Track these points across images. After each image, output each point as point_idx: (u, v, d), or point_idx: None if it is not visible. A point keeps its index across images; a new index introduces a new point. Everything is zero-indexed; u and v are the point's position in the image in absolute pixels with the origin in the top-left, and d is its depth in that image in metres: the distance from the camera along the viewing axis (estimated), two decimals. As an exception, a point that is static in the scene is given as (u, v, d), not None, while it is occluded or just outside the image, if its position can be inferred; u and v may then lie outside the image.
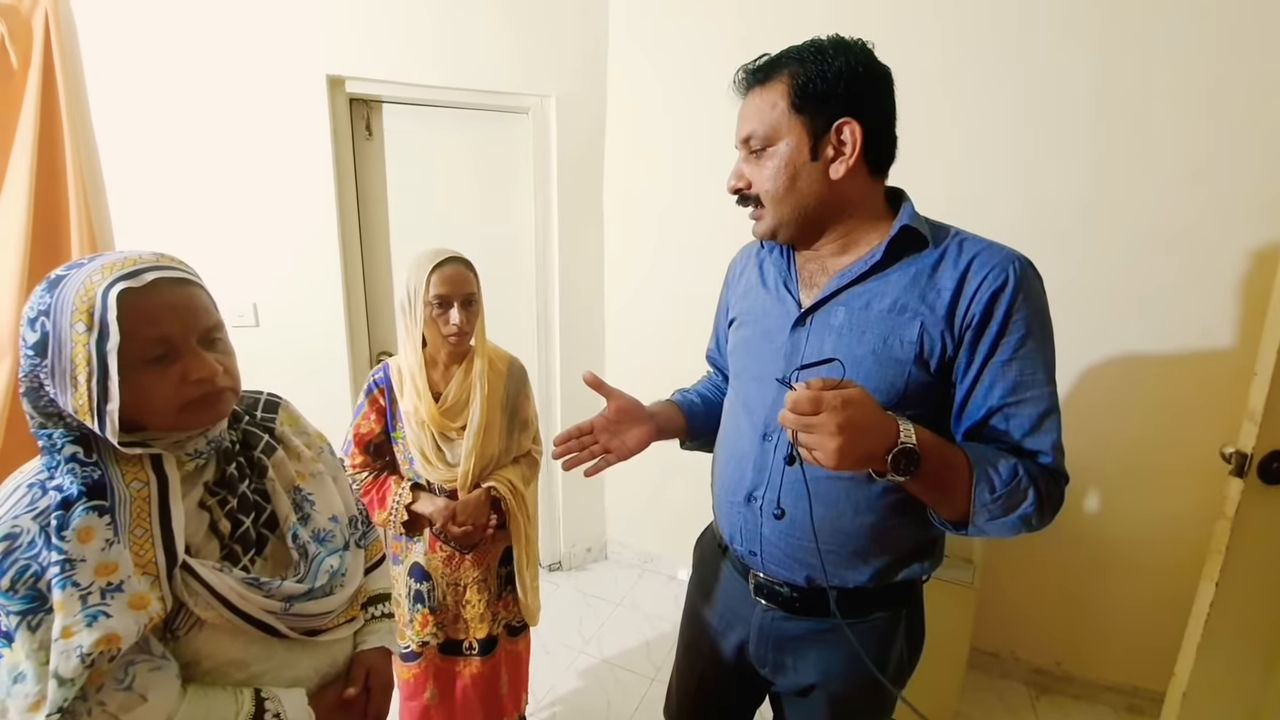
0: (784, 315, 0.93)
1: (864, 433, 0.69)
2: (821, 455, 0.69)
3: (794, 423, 0.69)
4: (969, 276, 0.81)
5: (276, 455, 0.83)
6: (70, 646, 0.57)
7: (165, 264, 0.69)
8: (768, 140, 0.85)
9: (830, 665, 0.95)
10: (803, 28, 0.90)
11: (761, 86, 0.86)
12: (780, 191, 0.86)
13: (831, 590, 0.87)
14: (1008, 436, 0.81)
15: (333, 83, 2.04)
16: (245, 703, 0.70)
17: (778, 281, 0.97)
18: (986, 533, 0.81)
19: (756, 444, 0.94)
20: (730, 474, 0.99)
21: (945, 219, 0.94)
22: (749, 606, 1.00)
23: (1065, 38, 1.70)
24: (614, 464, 1.01)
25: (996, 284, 0.79)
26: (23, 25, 1.67)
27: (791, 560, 0.92)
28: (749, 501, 0.95)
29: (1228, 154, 1.60)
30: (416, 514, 1.36)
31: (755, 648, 1.01)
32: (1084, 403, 1.84)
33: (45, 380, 0.65)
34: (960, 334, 0.81)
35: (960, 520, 0.80)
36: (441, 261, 1.30)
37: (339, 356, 2.20)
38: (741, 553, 0.98)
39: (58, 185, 1.76)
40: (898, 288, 0.84)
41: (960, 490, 0.77)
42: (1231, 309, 1.64)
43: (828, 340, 0.87)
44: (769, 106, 0.84)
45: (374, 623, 0.94)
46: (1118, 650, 1.93)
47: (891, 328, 0.83)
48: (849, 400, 0.68)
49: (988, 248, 0.84)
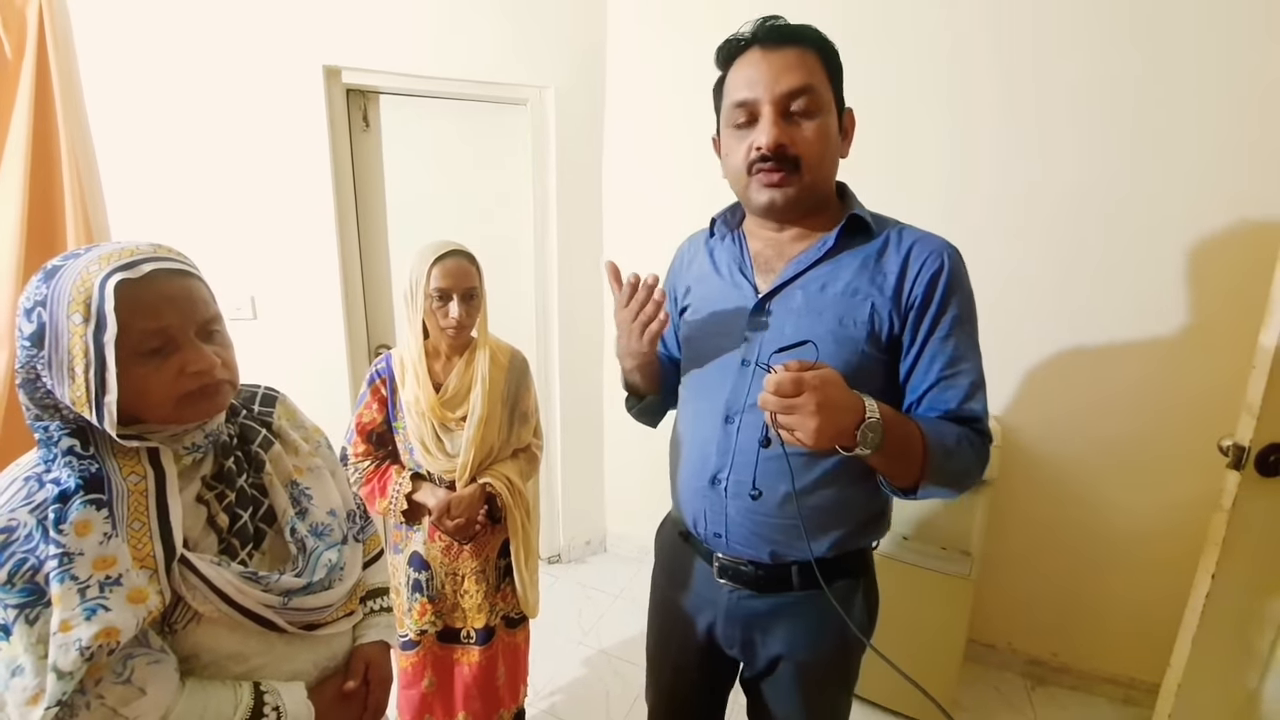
0: (741, 300, 0.95)
1: (839, 410, 0.73)
2: (803, 434, 0.72)
3: (776, 405, 0.72)
4: (910, 261, 0.87)
5: (274, 449, 0.83)
6: (69, 640, 0.57)
7: (163, 255, 0.68)
8: (815, 102, 0.84)
9: (795, 637, 0.98)
10: (804, 19, 0.89)
11: (798, 48, 0.84)
12: (821, 157, 0.87)
13: (800, 564, 0.89)
14: (946, 404, 0.87)
15: (329, 73, 2.03)
16: (244, 696, 0.70)
17: (732, 268, 0.99)
18: (931, 495, 0.87)
19: (719, 428, 0.95)
20: (693, 459, 1.00)
21: (942, 211, 0.94)
22: (714, 589, 1.02)
23: (1068, 31, 1.70)
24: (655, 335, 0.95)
25: (934, 268, 0.86)
26: (16, 15, 1.65)
27: (757, 538, 0.94)
28: (714, 484, 0.95)
29: (1229, 147, 1.59)
30: (416, 503, 1.37)
31: (723, 629, 1.03)
32: (1081, 394, 1.85)
33: (42, 371, 0.64)
34: (905, 313, 0.87)
35: (911, 486, 0.85)
36: (444, 254, 1.30)
37: (337, 349, 2.20)
38: (705, 536, 1.00)
39: (53, 176, 1.75)
40: (850, 271, 0.89)
41: (915, 458, 0.82)
42: (1229, 301, 1.64)
43: (788, 322, 0.90)
44: (812, 71, 0.84)
45: (372, 616, 0.94)
46: (1114, 642, 1.94)
47: (846, 308, 0.88)
48: (826, 380, 0.72)
49: (923, 236, 0.90)
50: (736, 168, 0.91)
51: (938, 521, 1.84)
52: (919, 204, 1.89)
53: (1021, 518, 1.97)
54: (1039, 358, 1.89)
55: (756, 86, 0.85)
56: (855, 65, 0.94)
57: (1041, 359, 1.89)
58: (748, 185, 0.91)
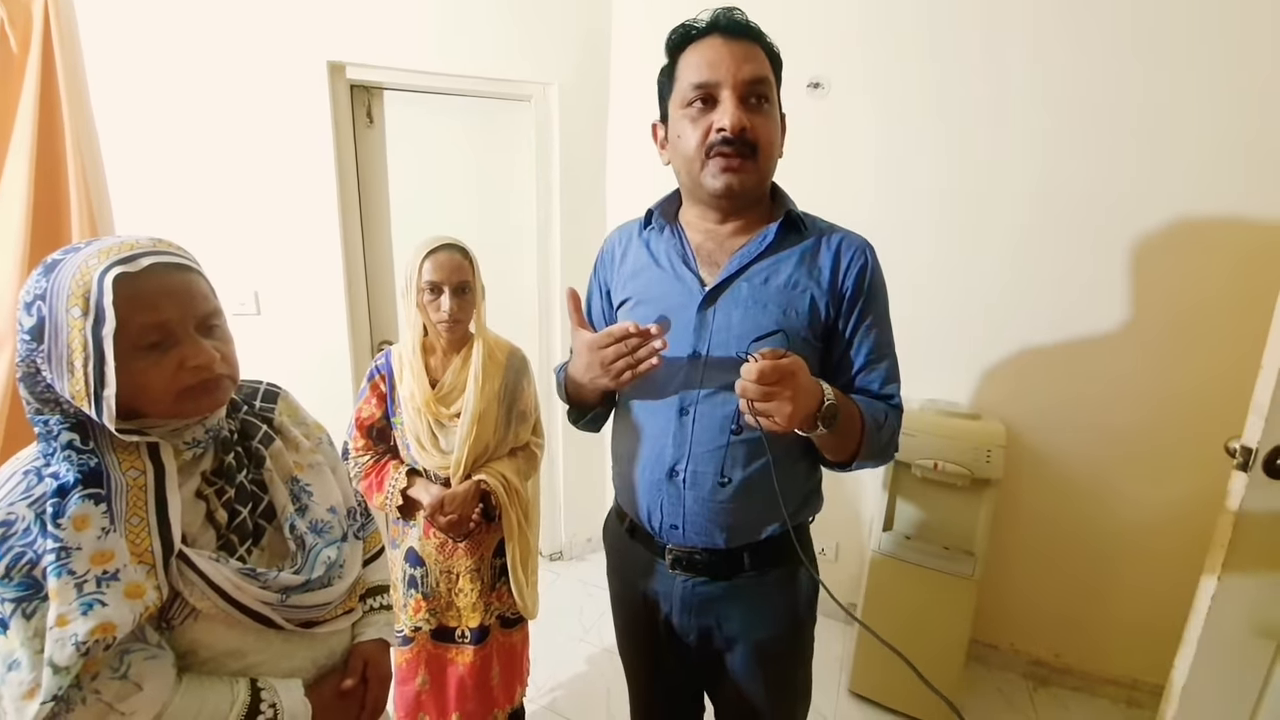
0: (686, 293, 0.96)
1: (808, 395, 0.80)
2: (780, 419, 0.77)
3: (756, 392, 0.77)
4: (840, 257, 0.94)
5: (274, 445, 0.83)
6: (65, 635, 0.57)
7: (162, 249, 0.68)
8: (770, 97, 0.89)
9: (749, 617, 1.01)
10: (807, 15, 0.89)
11: (754, 43, 0.89)
12: (773, 148, 0.91)
13: (792, 531, 0.89)
14: (871, 385, 0.96)
15: (333, 69, 2.03)
16: (241, 693, 0.70)
17: (673, 260, 0.99)
18: (863, 467, 0.97)
19: (673, 420, 0.96)
20: (649, 453, 0.99)
21: (943, 208, 0.95)
22: (667, 582, 1.03)
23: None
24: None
25: (860, 263, 0.94)
26: (22, 10, 1.65)
27: (714, 526, 0.96)
28: (671, 477, 0.96)
29: (1238, 143, 1.58)
30: (411, 499, 1.37)
31: (679, 619, 1.04)
32: (1085, 393, 1.84)
33: (42, 365, 0.64)
34: (839, 304, 0.94)
35: (848, 460, 0.94)
36: (435, 248, 1.30)
37: (340, 344, 2.20)
38: (660, 529, 1.00)
39: (58, 172, 1.75)
40: (790, 265, 0.94)
41: (855, 435, 0.90)
42: (1237, 300, 1.62)
43: (735, 313, 0.93)
44: (766, 66, 0.89)
45: (372, 614, 0.94)
46: (1117, 643, 1.93)
47: (789, 300, 0.92)
48: (798, 367, 0.78)
49: (847, 234, 0.97)
50: (689, 151, 0.90)
51: (941, 521, 1.83)
52: (920, 203, 1.88)
53: (1025, 518, 1.96)
54: (1043, 356, 1.88)
55: (719, 70, 0.86)
56: (863, 65, 0.94)
57: (1045, 357, 1.88)
58: (703, 168, 0.90)
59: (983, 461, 1.69)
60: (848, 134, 1.95)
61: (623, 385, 0.90)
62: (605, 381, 0.91)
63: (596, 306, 1.16)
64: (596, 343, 0.90)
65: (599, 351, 0.89)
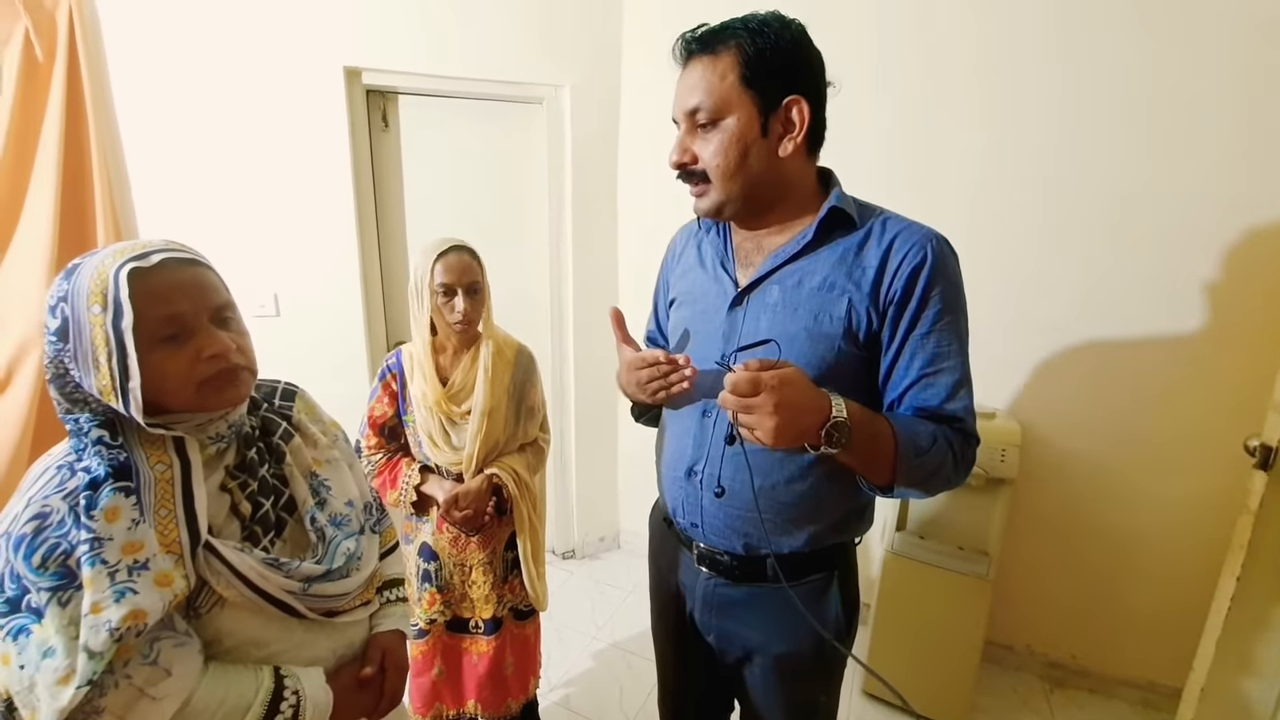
0: (721, 295, 0.95)
1: (799, 410, 0.73)
2: (761, 434, 0.73)
3: (734, 404, 0.73)
4: (891, 254, 0.84)
5: (294, 441, 0.85)
6: (100, 621, 0.59)
7: (173, 247, 0.71)
8: (716, 113, 0.83)
9: (770, 628, 0.99)
10: (809, 13, 0.89)
11: (709, 56, 0.83)
12: (731, 168, 0.85)
13: (770, 558, 0.89)
14: (927, 404, 0.85)
15: (350, 74, 2.06)
16: (265, 679, 0.72)
17: (715, 261, 0.99)
18: (909, 495, 0.87)
19: (696, 420, 0.97)
20: (673, 450, 1.02)
21: (967, 206, 0.93)
22: (693, 575, 1.04)
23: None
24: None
25: (916, 260, 0.83)
26: (47, 19, 1.70)
27: (730, 531, 0.95)
28: (690, 476, 0.97)
29: (1258, 146, 1.56)
30: (425, 495, 1.40)
31: (701, 615, 1.05)
32: (1103, 393, 1.82)
33: (69, 364, 0.67)
34: (884, 309, 0.85)
35: (887, 485, 0.84)
36: (445, 250, 1.33)
37: (358, 344, 2.23)
38: (684, 525, 1.01)
39: (84, 179, 1.80)
40: (827, 265, 0.87)
41: (886, 458, 0.81)
42: (1256, 300, 1.60)
43: (763, 318, 0.89)
44: (718, 78, 0.82)
45: (388, 606, 0.96)
46: (1134, 645, 1.91)
47: (822, 304, 0.86)
48: (785, 380, 0.72)
49: (908, 226, 0.87)
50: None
51: (956, 521, 1.82)
52: (945, 197, 1.88)
53: (1041, 518, 1.94)
54: (1061, 356, 1.87)
55: (675, 104, 0.88)
56: (884, 58, 0.93)
57: (1064, 357, 1.86)
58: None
59: (997, 460, 1.69)
60: (860, 131, 1.95)
61: (658, 403, 0.94)
62: (642, 397, 0.96)
63: (662, 304, 1.17)
64: (633, 363, 0.95)
65: (635, 371, 0.94)
